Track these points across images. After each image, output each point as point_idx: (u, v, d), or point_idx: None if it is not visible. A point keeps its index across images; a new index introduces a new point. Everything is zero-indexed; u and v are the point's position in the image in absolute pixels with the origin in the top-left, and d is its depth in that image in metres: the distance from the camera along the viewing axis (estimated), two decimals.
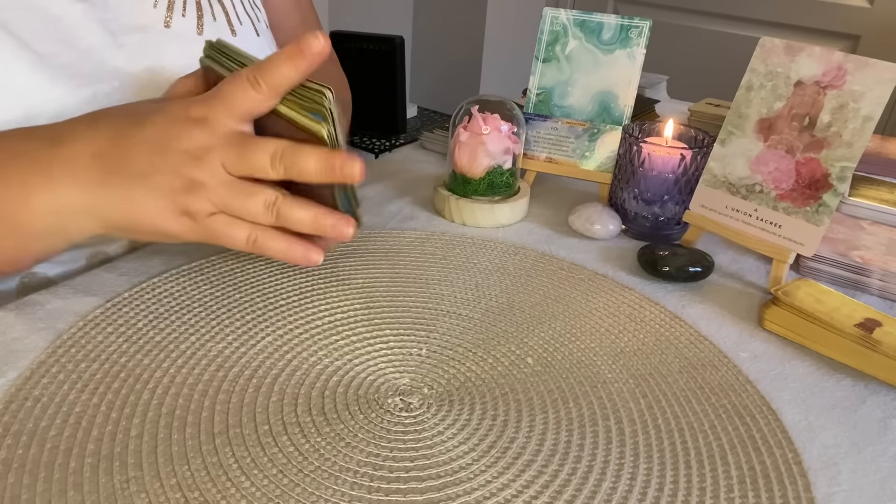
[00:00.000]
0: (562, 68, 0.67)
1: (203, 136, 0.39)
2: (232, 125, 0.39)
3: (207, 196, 0.39)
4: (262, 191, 0.39)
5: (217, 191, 0.39)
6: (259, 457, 0.36)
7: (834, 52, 0.53)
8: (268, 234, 0.41)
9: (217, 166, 0.39)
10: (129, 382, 0.40)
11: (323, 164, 0.38)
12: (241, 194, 0.39)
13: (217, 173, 0.39)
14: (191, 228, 0.40)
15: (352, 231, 0.41)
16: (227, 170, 0.39)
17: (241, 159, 0.39)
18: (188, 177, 0.39)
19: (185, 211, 0.40)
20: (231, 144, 0.39)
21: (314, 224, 0.40)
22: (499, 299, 0.52)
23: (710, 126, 0.86)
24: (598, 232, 0.62)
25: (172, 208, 0.40)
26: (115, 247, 0.56)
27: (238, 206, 0.39)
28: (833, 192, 0.52)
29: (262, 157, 0.38)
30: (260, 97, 0.39)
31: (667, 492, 0.35)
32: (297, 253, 0.41)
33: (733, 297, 0.55)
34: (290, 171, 0.39)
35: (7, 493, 0.32)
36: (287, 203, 0.40)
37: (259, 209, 0.39)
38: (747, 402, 0.42)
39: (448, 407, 0.40)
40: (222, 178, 0.39)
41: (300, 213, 0.40)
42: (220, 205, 0.39)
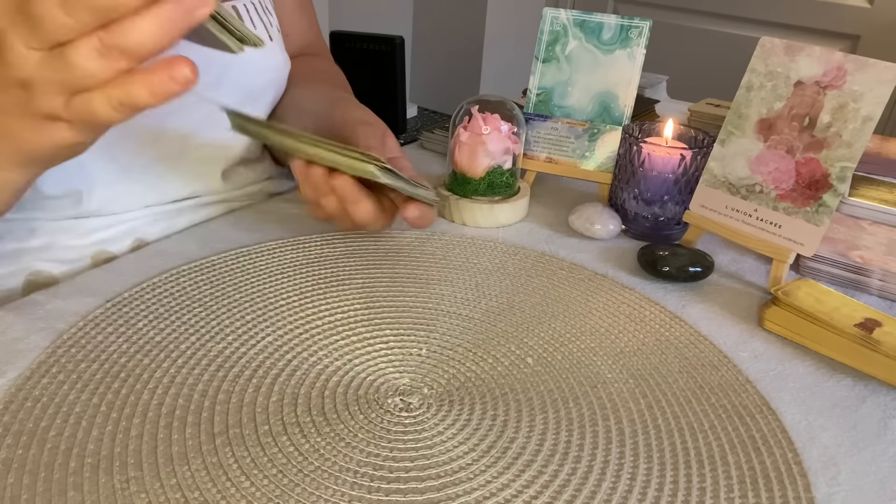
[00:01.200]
0: (562, 68, 0.67)
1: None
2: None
3: (42, 88, 0.32)
4: (80, 45, 0.31)
5: (42, 76, 0.32)
6: (259, 457, 0.36)
7: (834, 52, 0.53)
8: (123, 85, 0.32)
9: (21, 50, 0.31)
10: (129, 382, 0.40)
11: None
12: (61, 63, 0.31)
13: (26, 58, 0.32)
14: (67, 128, 0.35)
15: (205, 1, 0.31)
16: (32, 47, 0.31)
17: (32, 25, 0.31)
18: (13, 80, 0.33)
19: (46, 114, 0.34)
20: (15, 15, 0.31)
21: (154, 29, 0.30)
22: (499, 299, 0.52)
23: (710, 126, 0.86)
24: (598, 232, 0.62)
25: (35, 119, 0.34)
26: (120, 246, 0.56)
27: (73, 77, 0.31)
28: (833, 192, 0.52)
29: (50, 8, 0.30)
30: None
31: (667, 492, 0.35)
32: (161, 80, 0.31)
33: (733, 297, 0.55)
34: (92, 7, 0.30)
35: (7, 493, 0.32)
36: (112, 32, 0.30)
37: (93, 62, 0.31)
38: (747, 402, 0.42)
39: (448, 407, 0.40)
40: (35, 59, 0.32)
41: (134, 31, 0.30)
42: (59, 88, 0.32)
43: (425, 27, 2.36)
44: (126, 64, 0.31)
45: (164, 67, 0.31)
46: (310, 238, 0.58)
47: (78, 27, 0.30)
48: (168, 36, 0.31)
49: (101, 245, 0.56)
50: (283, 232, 0.59)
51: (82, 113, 0.33)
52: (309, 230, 0.59)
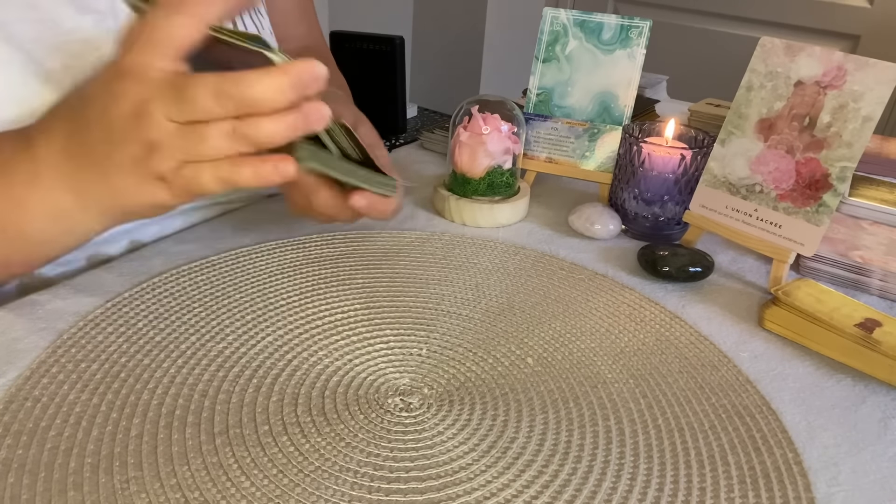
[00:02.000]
0: (562, 68, 0.67)
1: (136, 90, 0.35)
2: (161, 66, 0.35)
3: (166, 152, 0.36)
4: (216, 125, 0.35)
5: (172, 143, 0.35)
6: (259, 457, 0.36)
7: (834, 52, 0.53)
8: (233, 165, 0.36)
9: (160, 119, 0.35)
10: (129, 382, 0.40)
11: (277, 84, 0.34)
12: (196, 136, 0.35)
13: (163, 126, 0.35)
14: (169, 190, 0.37)
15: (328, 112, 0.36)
16: (173, 119, 0.35)
17: (182, 104, 0.34)
18: (140, 140, 0.36)
19: (156, 175, 0.37)
20: (166, 90, 0.35)
21: (288, 128, 0.35)
22: (499, 299, 0.52)
23: (710, 126, 0.86)
24: (598, 232, 0.62)
25: (144, 177, 0.37)
26: (116, 247, 0.56)
27: (199, 150, 0.35)
28: (833, 192, 0.52)
29: (203, 96, 0.34)
30: (186, 21, 0.35)
31: (667, 492, 0.35)
32: (267, 170, 0.36)
33: (733, 297, 0.55)
34: (240, 105, 0.34)
35: (7, 493, 0.32)
36: (247, 122, 0.35)
37: (220, 143, 0.35)
38: (747, 402, 0.42)
39: (448, 407, 0.40)
40: (171, 129, 0.35)
41: (267, 125, 0.35)
42: (183, 156, 0.36)
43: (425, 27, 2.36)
44: (247, 149, 0.36)
45: (274, 160, 0.36)
46: (310, 238, 0.58)
47: (219, 113, 0.34)
48: (289, 136, 0.35)
49: (97, 247, 0.56)
50: (283, 232, 0.59)
51: (188, 180, 0.37)
52: (309, 230, 0.59)
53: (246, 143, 0.35)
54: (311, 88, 0.34)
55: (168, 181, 0.37)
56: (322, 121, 0.36)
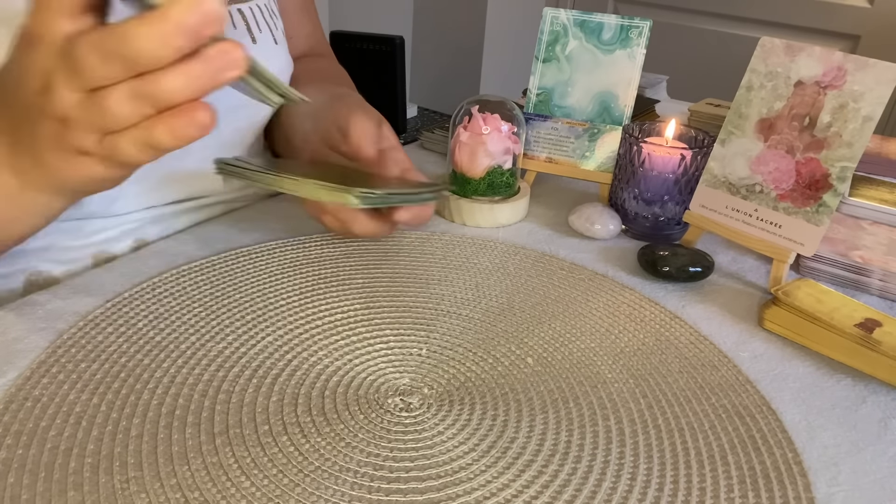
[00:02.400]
0: (562, 68, 0.67)
1: (40, 60, 0.33)
2: (62, 26, 0.32)
3: (78, 126, 0.34)
4: (114, 90, 0.32)
5: (79, 116, 0.34)
6: (259, 457, 0.36)
7: (834, 52, 0.53)
8: (148, 128, 0.33)
9: (63, 91, 0.33)
10: (129, 382, 0.40)
11: (160, 35, 0.30)
12: (97, 107, 0.33)
13: (68, 98, 0.33)
14: (101, 164, 0.36)
15: (241, 55, 0.32)
16: (73, 89, 0.33)
17: (74, 72, 0.32)
18: (51, 116, 0.34)
19: (79, 150, 0.35)
20: (62, 58, 0.32)
21: (188, 81, 0.32)
22: (499, 299, 0.52)
23: (710, 126, 0.86)
24: (598, 232, 0.62)
25: (69, 154, 0.36)
26: (121, 246, 0.56)
27: (105, 119, 0.33)
28: (833, 192, 0.52)
29: (90, 59, 0.31)
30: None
31: (667, 492, 0.35)
32: (181, 124, 0.33)
33: (733, 297, 0.55)
34: (128, 62, 0.31)
35: (7, 493, 0.32)
36: (149, 82, 0.32)
37: (124, 107, 0.32)
38: (747, 402, 0.42)
39: (448, 407, 0.40)
40: (75, 100, 0.33)
41: (170, 79, 0.32)
42: (93, 128, 0.34)
43: (425, 27, 2.36)
44: (153, 111, 0.33)
45: (186, 112, 0.33)
46: (310, 238, 0.58)
47: (113, 75, 0.32)
48: (196, 92, 0.32)
49: (102, 245, 0.56)
50: (283, 232, 0.59)
51: (111, 151, 0.35)
52: (309, 230, 0.59)
53: (152, 105, 0.32)
54: (205, 30, 0.30)
55: (93, 154, 0.35)
56: (235, 67, 0.32)
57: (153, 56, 0.31)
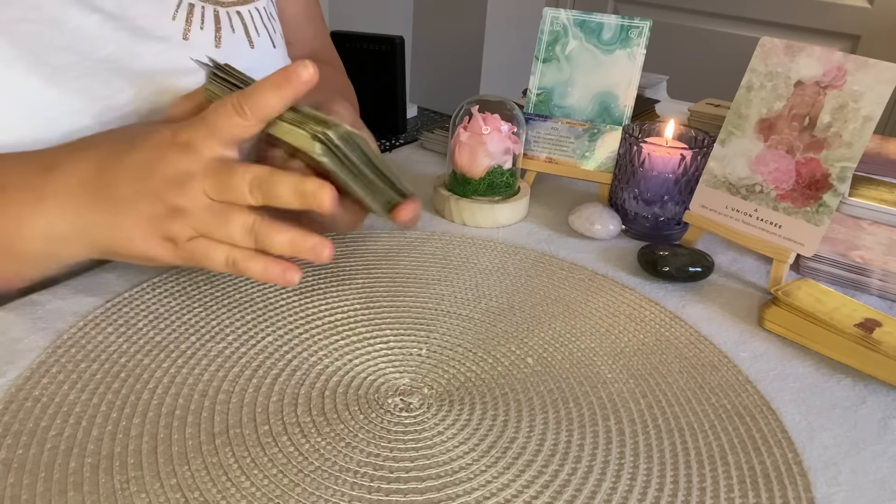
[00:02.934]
0: (562, 68, 0.67)
1: (186, 163, 0.39)
2: (217, 151, 0.39)
3: (188, 222, 0.39)
4: (241, 215, 0.39)
5: (197, 216, 0.39)
6: (259, 457, 0.36)
7: (834, 52, 0.53)
8: (246, 256, 0.40)
9: (199, 193, 0.39)
10: (129, 382, 0.40)
11: (293, 192, 0.38)
12: (220, 219, 0.39)
13: (198, 199, 0.39)
14: (174, 252, 0.41)
15: (328, 253, 0.40)
16: (209, 195, 0.39)
17: (222, 186, 0.39)
18: (170, 203, 0.39)
19: (168, 236, 0.40)
20: (213, 171, 0.39)
21: (291, 247, 0.40)
22: (499, 299, 0.52)
23: (710, 126, 0.86)
24: (598, 232, 0.62)
25: (155, 234, 0.40)
26: None
27: (217, 231, 0.40)
28: (833, 192, 0.52)
29: (241, 184, 0.39)
30: (245, 124, 0.39)
31: (667, 492, 0.35)
32: (275, 273, 0.41)
33: (733, 297, 0.55)
34: (266, 197, 0.39)
35: (7, 493, 0.32)
36: (265, 227, 0.40)
37: (237, 233, 0.39)
38: (747, 402, 0.42)
39: (448, 407, 0.40)
40: (203, 203, 0.39)
41: (277, 236, 0.40)
42: (201, 229, 0.40)
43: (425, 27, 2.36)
44: (253, 246, 0.40)
45: (284, 268, 0.40)
46: None
47: (250, 203, 0.39)
48: (288, 254, 0.40)
49: None
50: None
51: (200, 251, 0.40)
52: None
53: (254, 241, 0.40)
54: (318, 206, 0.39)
55: (175, 245, 0.40)
56: (322, 259, 0.40)
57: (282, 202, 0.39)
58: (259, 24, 0.62)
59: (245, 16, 0.60)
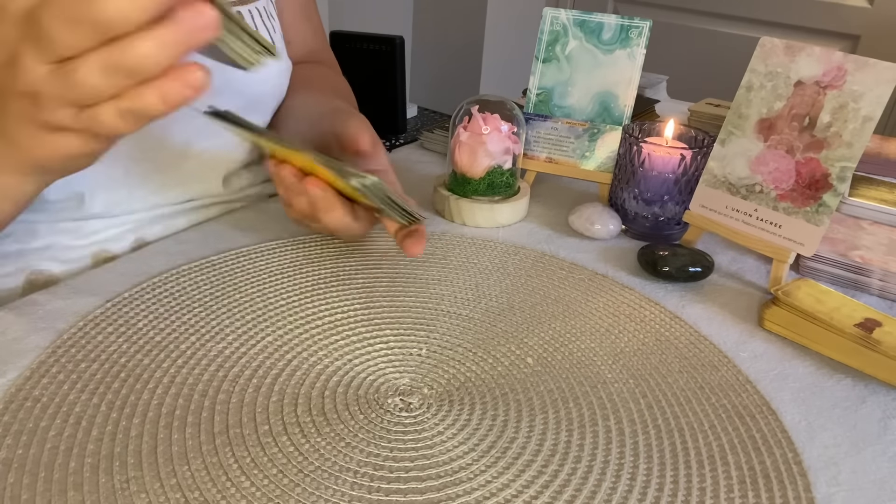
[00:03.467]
0: (562, 68, 0.67)
1: (2, 32, 0.32)
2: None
3: (49, 102, 0.32)
4: (84, 59, 0.30)
5: (50, 90, 0.32)
6: (259, 457, 0.36)
7: (834, 52, 0.53)
8: (133, 95, 0.32)
9: (30, 64, 0.31)
10: (129, 382, 0.40)
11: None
12: (69, 77, 0.31)
13: (35, 72, 0.31)
14: (75, 137, 0.34)
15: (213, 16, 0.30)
16: (41, 61, 0.31)
17: (39, 41, 0.30)
18: (19, 91, 0.32)
19: (54, 126, 0.34)
20: (26, 30, 0.31)
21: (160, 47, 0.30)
22: (499, 299, 0.52)
23: (710, 126, 0.86)
24: (598, 232, 0.62)
25: (41, 130, 0.34)
26: (121, 245, 0.56)
27: (78, 92, 0.31)
28: (833, 192, 0.52)
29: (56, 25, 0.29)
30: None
31: (667, 492, 0.35)
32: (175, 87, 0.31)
33: (733, 297, 0.55)
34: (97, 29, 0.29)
35: (7, 493, 0.32)
36: (119, 49, 0.30)
37: (97, 78, 0.30)
38: (747, 402, 0.42)
39: (448, 407, 0.40)
40: (43, 73, 0.31)
41: (141, 46, 0.30)
42: (67, 101, 0.32)
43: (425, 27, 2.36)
44: (129, 80, 0.31)
45: (177, 74, 0.31)
46: (310, 238, 0.58)
47: (82, 44, 0.30)
48: (170, 57, 0.30)
49: (102, 245, 0.56)
50: (283, 232, 0.59)
51: (90, 124, 0.33)
52: (309, 230, 0.59)
53: (125, 75, 0.31)
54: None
55: (69, 129, 0.34)
56: (209, 28, 0.30)
57: (122, 19, 0.29)
58: (259, 23, 0.62)
59: (245, 15, 0.60)
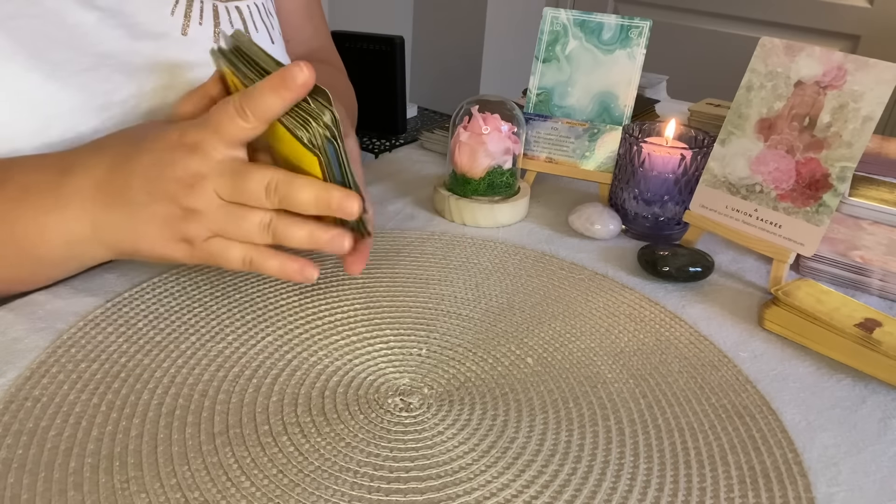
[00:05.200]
0: (562, 68, 0.67)
1: (196, 164, 0.39)
2: (223, 152, 0.40)
3: (203, 223, 0.40)
4: (256, 213, 0.40)
5: (212, 217, 0.40)
6: (259, 457, 0.36)
7: (834, 52, 0.53)
8: (263, 254, 0.41)
9: (211, 194, 0.39)
10: (129, 382, 0.40)
11: (317, 199, 0.39)
12: (236, 218, 0.40)
13: (211, 200, 0.39)
14: (190, 253, 0.41)
15: (348, 243, 0.41)
16: (221, 197, 0.39)
17: (235, 188, 0.39)
18: (184, 205, 0.39)
19: (184, 237, 0.40)
20: (224, 172, 0.39)
21: (310, 240, 0.40)
22: (499, 299, 0.52)
23: (710, 126, 0.86)
24: (598, 232, 0.62)
25: (171, 235, 0.41)
26: None
27: (233, 230, 0.40)
28: (833, 192, 0.52)
29: (256, 188, 0.39)
30: (247, 126, 0.39)
31: (667, 492, 0.35)
32: (293, 270, 0.41)
33: (733, 297, 0.55)
34: (283, 202, 0.39)
35: (7, 493, 0.32)
36: (283, 222, 0.40)
37: (254, 230, 0.40)
38: (747, 402, 0.42)
39: (448, 407, 0.40)
40: (217, 204, 0.39)
41: (296, 231, 0.40)
42: (216, 230, 0.40)
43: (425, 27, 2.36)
44: (271, 242, 0.41)
45: (302, 264, 0.42)
46: None
47: (263, 204, 0.39)
48: (307, 249, 0.41)
49: None
50: None
51: (217, 251, 0.41)
52: None
53: (273, 238, 0.40)
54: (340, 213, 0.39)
55: (192, 245, 0.41)
56: (342, 250, 0.41)
57: (305, 206, 0.39)
58: (258, 19, 0.62)
59: (244, 11, 0.60)
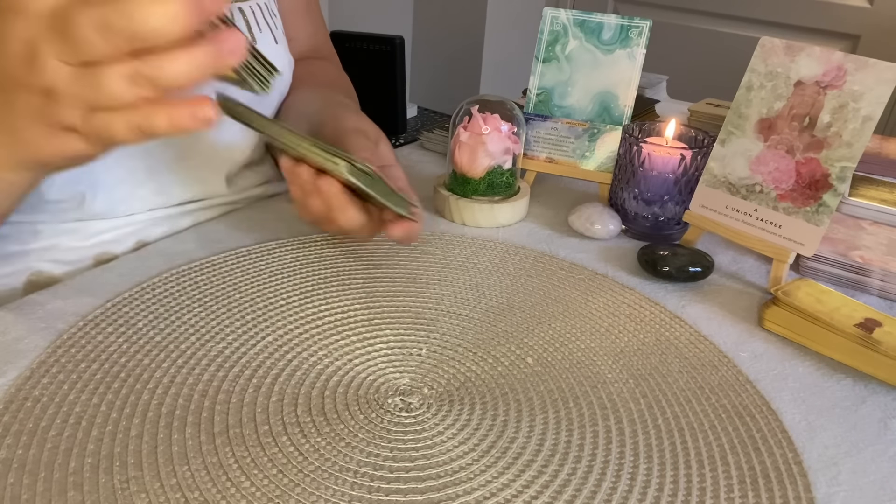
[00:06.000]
0: (562, 68, 0.67)
1: (21, 27, 0.31)
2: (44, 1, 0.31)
3: (66, 101, 0.32)
4: (112, 67, 0.30)
5: (70, 90, 0.32)
6: (259, 457, 0.36)
7: (834, 52, 0.53)
8: (145, 114, 0.32)
9: (52, 62, 0.31)
10: (129, 382, 0.40)
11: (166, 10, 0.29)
12: (91, 83, 0.31)
13: (57, 70, 0.31)
14: (85, 141, 0.34)
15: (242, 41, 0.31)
16: (66, 61, 0.31)
17: (68, 43, 0.30)
18: (36, 88, 0.32)
19: (64, 125, 0.33)
20: (52, 28, 0.31)
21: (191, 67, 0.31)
22: (499, 299, 0.52)
23: (710, 126, 0.86)
24: (598, 232, 0.62)
25: (51, 129, 0.34)
26: (122, 247, 0.56)
27: (100, 97, 0.31)
28: (833, 192, 0.52)
29: (88, 32, 0.30)
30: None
31: (667, 492, 0.35)
32: (183, 117, 0.32)
33: (733, 297, 0.55)
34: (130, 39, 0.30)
35: (7, 493, 0.32)
36: (149, 63, 0.30)
37: (121, 89, 0.31)
38: (747, 402, 0.42)
39: (448, 407, 0.40)
40: (66, 72, 0.31)
41: (171, 66, 0.30)
42: (81, 103, 0.32)
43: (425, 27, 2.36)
44: (152, 94, 0.31)
45: (190, 104, 0.32)
46: (310, 238, 0.58)
47: (113, 52, 0.30)
48: (198, 77, 0.31)
49: (104, 246, 0.56)
50: (283, 232, 0.59)
51: (99, 130, 0.33)
52: (309, 230, 0.59)
53: (150, 87, 0.31)
54: (213, 9, 0.30)
55: (79, 131, 0.33)
56: (237, 52, 0.31)
57: (160, 34, 0.29)
58: (261, 19, 0.62)
59: (247, 11, 0.60)
